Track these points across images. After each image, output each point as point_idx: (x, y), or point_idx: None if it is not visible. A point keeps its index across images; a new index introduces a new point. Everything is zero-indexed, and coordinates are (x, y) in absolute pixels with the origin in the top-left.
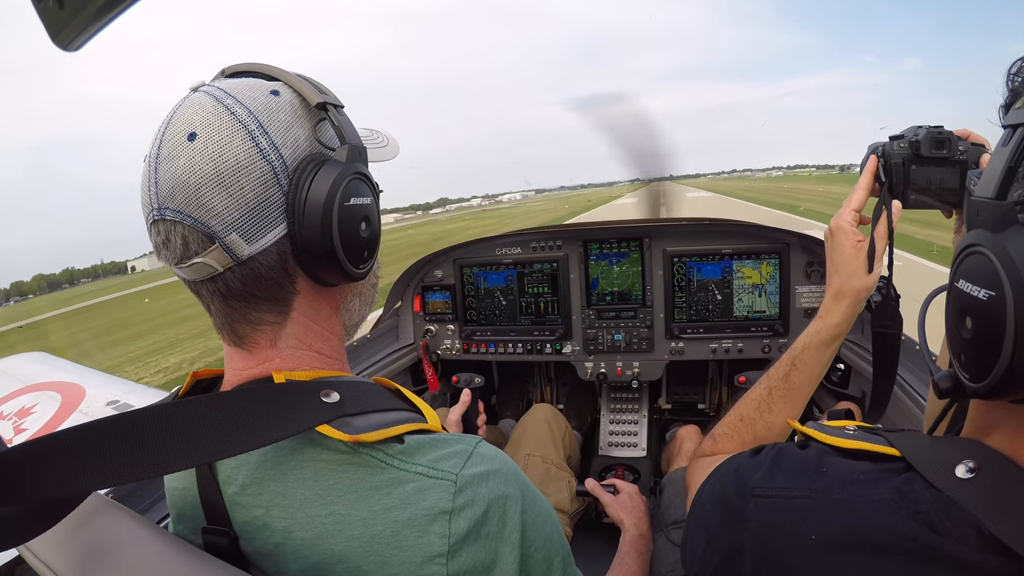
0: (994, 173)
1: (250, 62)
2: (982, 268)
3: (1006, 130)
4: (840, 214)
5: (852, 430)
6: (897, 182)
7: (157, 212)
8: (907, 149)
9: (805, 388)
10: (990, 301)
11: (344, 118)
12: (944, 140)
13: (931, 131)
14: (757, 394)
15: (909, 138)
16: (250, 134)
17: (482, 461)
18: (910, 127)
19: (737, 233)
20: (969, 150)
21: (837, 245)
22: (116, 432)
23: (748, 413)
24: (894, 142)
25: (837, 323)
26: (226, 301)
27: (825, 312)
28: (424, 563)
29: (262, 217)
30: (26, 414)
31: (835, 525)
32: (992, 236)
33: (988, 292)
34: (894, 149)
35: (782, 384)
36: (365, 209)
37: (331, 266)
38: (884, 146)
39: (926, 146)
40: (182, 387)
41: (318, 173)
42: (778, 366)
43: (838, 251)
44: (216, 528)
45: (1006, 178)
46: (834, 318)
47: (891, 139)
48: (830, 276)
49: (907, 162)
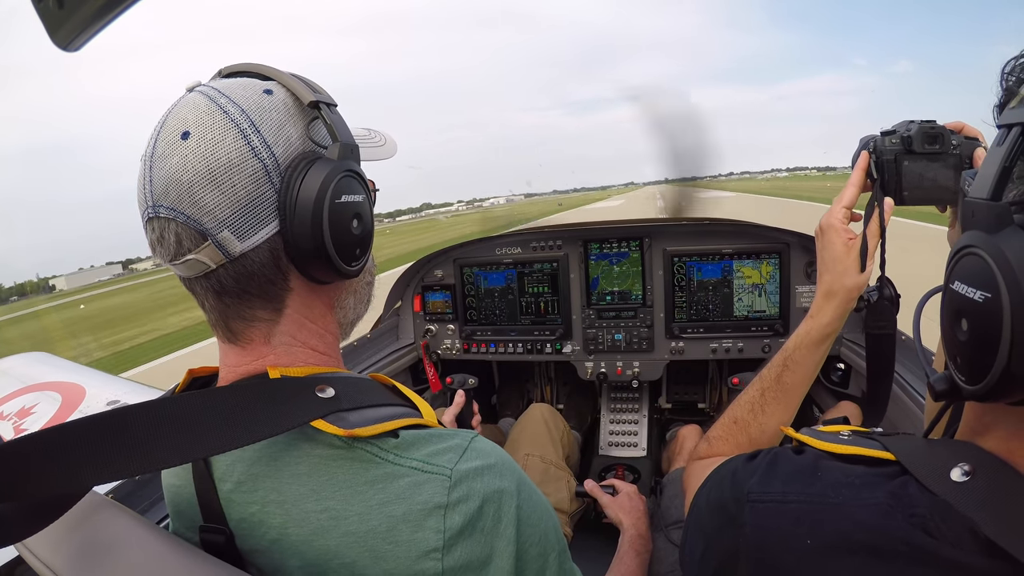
0: (989, 174)
1: (246, 62)
2: (977, 270)
3: (1000, 130)
4: (831, 211)
5: (846, 435)
6: (889, 178)
7: (152, 210)
8: (899, 145)
9: (798, 389)
10: (986, 303)
11: (337, 116)
12: (936, 135)
13: (923, 126)
14: (750, 396)
15: (901, 133)
16: (242, 133)
17: (477, 456)
18: (901, 122)
19: (737, 233)
20: (962, 144)
21: (828, 243)
22: (113, 428)
23: (742, 415)
24: (886, 137)
25: (828, 322)
26: (220, 298)
27: (816, 311)
28: (419, 558)
29: (254, 215)
30: (26, 414)
31: (830, 529)
32: (987, 237)
33: (984, 294)
34: (886, 145)
35: (774, 385)
36: (357, 207)
37: (323, 264)
38: (875, 141)
39: (918, 141)
40: (179, 383)
41: (309, 171)
42: (770, 367)
43: (829, 249)
44: (212, 526)
45: (1001, 178)
46: (825, 317)
47: (882, 134)
48: (821, 275)
49: (899, 158)
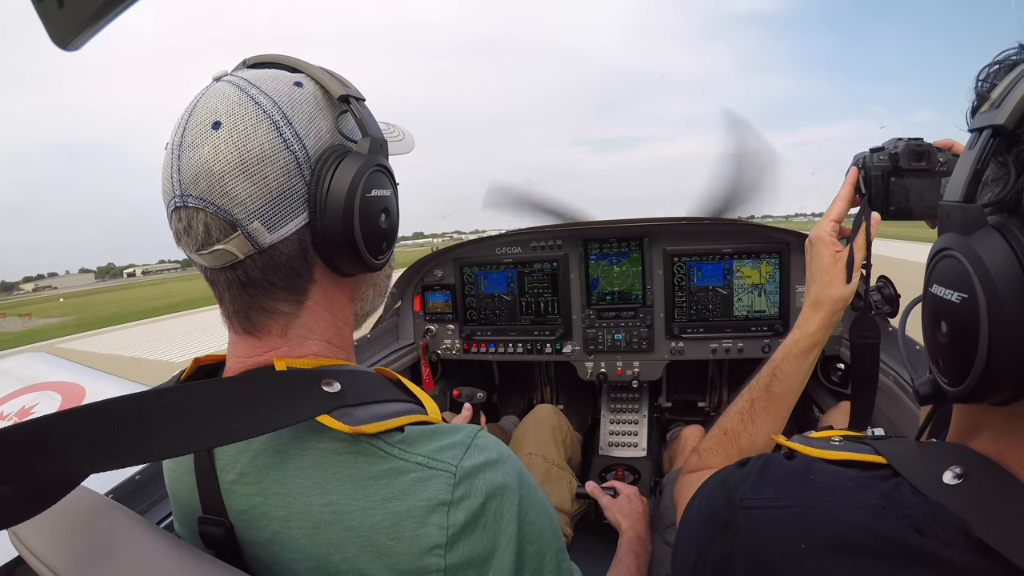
0: (961, 177)
1: (272, 53)
2: (954, 271)
3: (972, 133)
4: (820, 224)
5: (837, 440)
6: (877, 194)
7: (180, 199)
8: (887, 161)
9: (787, 398)
10: (963, 304)
11: (366, 111)
12: (923, 152)
13: (910, 143)
14: (740, 407)
15: (889, 150)
16: (274, 124)
17: (480, 452)
18: (891, 139)
19: (737, 233)
20: (949, 161)
21: (816, 255)
22: (113, 415)
23: (732, 426)
24: (874, 154)
25: (814, 331)
26: (244, 289)
27: (803, 321)
28: (422, 554)
29: (284, 206)
30: (26, 414)
31: (824, 531)
32: (962, 239)
33: (961, 295)
34: (874, 161)
35: (764, 395)
36: (385, 201)
37: (351, 256)
38: (865, 158)
39: (905, 158)
40: (184, 372)
41: (340, 164)
42: (759, 377)
43: (816, 261)
44: (211, 518)
45: (973, 181)
46: (811, 327)
47: (871, 151)
48: (808, 285)
49: (887, 174)
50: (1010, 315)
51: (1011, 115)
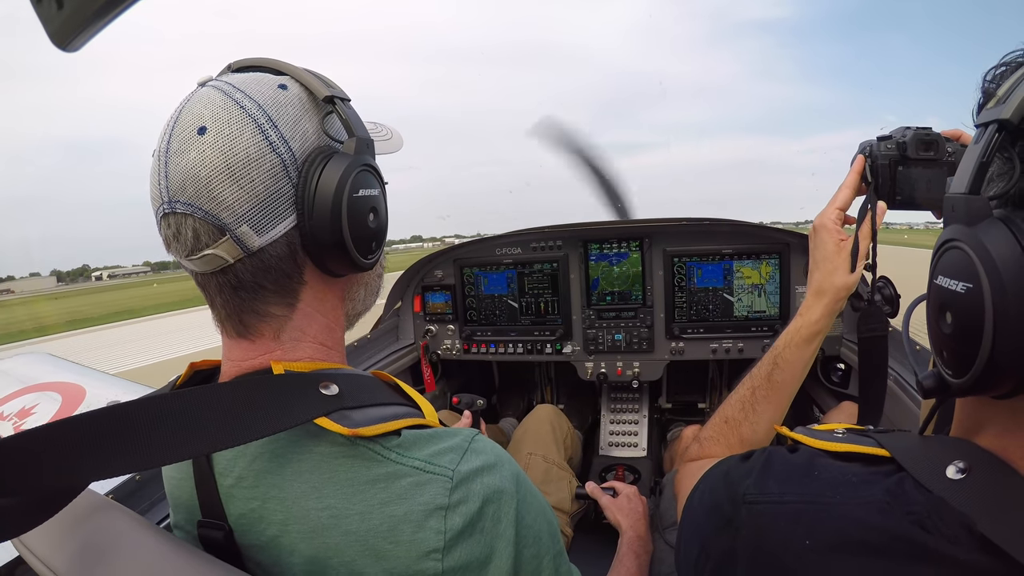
0: (967, 169)
1: (256, 57)
2: (959, 262)
3: (978, 128)
4: (824, 212)
5: (841, 433)
6: (883, 182)
7: (168, 205)
8: (894, 150)
9: (788, 387)
10: (968, 294)
11: (351, 111)
12: (931, 141)
13: (918, 132)
14: (741, 395)
15: (897, 139)
16: (260, 127)
17: (478, 456)
18: (898, 128)
19: (737, 233)
20: (957, 151)
21: (820, 242)
22: (112, 424)
23: (733, 414)
24: (882, 143)
25: (816, 319)
26: (236, 292)
27: (805, 309)
28: (420, 558)
29: (272, 209)
30: (26, 414)
31: (828, 527)
32: (967, 230)
33: (966, 285)
34: (881, 150)
35: (765, 383)
36: (373, 200)
37: (340, 256)
38: (872, 146)
39: (913, 147)
40: (180, 377)
41: (327, 165)
42: (760, 365)
43: (820, 248)
44: (211, 522)
45: (978, 173)
46: (814, 315)
47: (879, 139)
48: (811, 272)
49: (894, 163)
50: (1014, 306)
51: (1016, 110)
